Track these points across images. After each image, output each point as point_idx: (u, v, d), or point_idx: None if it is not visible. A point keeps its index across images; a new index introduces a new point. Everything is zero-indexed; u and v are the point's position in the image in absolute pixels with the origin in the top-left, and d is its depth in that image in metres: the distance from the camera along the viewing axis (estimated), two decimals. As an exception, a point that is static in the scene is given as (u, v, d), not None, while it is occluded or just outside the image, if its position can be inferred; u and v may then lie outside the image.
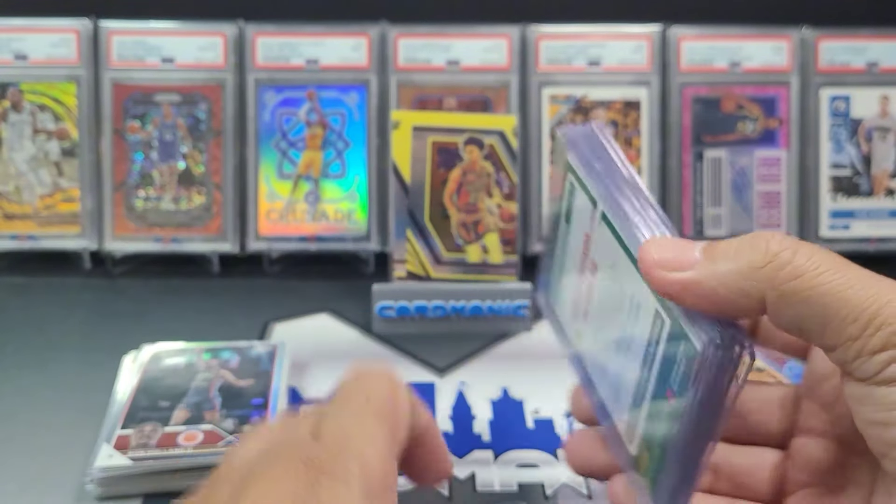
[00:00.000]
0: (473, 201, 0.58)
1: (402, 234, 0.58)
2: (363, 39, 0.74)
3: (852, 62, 0.77)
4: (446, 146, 0.58)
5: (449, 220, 0.58)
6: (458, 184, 0.58)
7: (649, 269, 0.31)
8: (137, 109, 0.74)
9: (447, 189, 0.58)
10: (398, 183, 0.57)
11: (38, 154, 0.74)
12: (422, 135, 0.58)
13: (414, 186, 0.57)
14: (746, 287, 0.29)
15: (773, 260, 0.28)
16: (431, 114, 0.59)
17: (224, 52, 0.74)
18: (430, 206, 0.57)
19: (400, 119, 0.58)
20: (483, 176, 0.58)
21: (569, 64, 0.75)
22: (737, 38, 0.76)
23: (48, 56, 0.75)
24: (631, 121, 0.75)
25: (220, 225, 0.74)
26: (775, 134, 0.76)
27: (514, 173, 0.59)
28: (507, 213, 0.58)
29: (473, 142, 0.58)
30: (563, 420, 0.54)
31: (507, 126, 0.58)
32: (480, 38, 0.75)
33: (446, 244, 0.58)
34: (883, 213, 0.76)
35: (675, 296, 0.30)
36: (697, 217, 0.75)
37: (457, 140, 0.58)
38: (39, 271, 0.75)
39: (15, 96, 0.74)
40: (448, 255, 0.58)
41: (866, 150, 0.76)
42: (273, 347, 0.58)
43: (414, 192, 0.56)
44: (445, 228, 0.58)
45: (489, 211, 0.58)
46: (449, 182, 0.58)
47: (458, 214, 0.58)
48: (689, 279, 0.30)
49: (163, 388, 0.53)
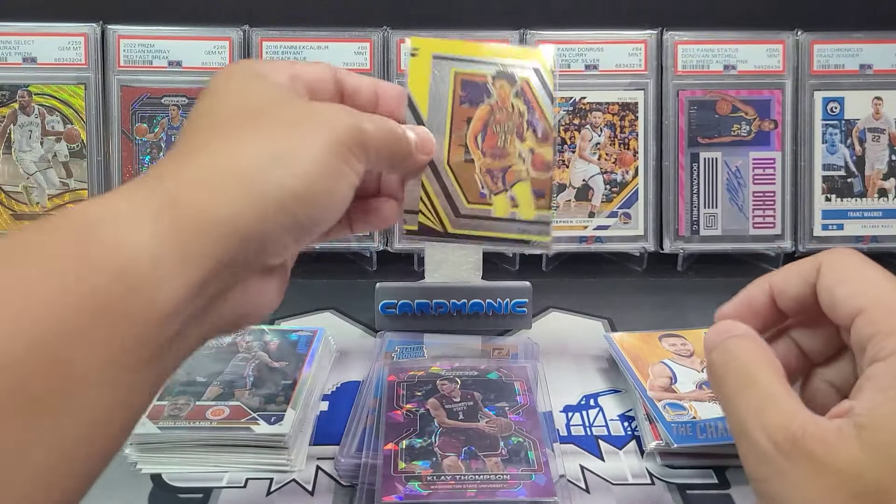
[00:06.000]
0: (502, 144, 0.49)
1: (416, 180, 0.47)
2: (366, 44, 0.76)
3: (846, 65, 0.78)
4: (472, 79, 0.48)
5: (472, 164, 0.48)
6: (484, 123, 0.48)
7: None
8: (145, 112, 0.76)
9: (472, 129, 0.48)
10: (414, 118, 0.47)
11: (46, 155, 0.76)
12: (443, 64, 0.48)
13: (432, 123, 0.47)
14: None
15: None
16: (457, 42, 0.49)
17: (230, 55, 0.76)
18: (449, 147, 0.47)
19: (419, 46, 0.49)
20: (514, 116, 0.49)
21: (567, 67, 0.76)
22: (731, 42, 0.77)
23: (57, 59, 0.76)
24: (627, 123, 0.77)
25: (226, 225, 0.75)
26: (769, 135, 0.77)
27: (551, 115, 0.49)
28: (540, 159, 0.48)
29: (504, 76, 0.49)
30: (561, 415, 0.55)
31: (545, 61, 0.49)
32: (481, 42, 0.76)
33: (468, 194, 0.48)
34: (876, 213, 0.77)
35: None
36: (693, 217, 0.77)
37: (485, 73, 0.49)
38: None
39: (24, 98, 0.76)
40: (470, 206, 0.48)
41: (859, 151, 0.78)
42: (313, 332, 0.61)
43: (431, 129, 0.47)
44: (468, 175, 0.47)
45: (520, 156, 0.49)
46: (474, 121, 0.48)
47: (484, 159, 0.48)
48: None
49: (203, 365, 0.56)
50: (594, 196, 0.77)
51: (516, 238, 0.49)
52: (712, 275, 0.77)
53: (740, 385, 0.34)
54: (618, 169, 0.77)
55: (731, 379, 0.34)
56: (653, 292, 0.75)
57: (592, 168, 0.77)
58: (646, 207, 0.77)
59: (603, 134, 0.77)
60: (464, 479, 0.45)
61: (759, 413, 0.32)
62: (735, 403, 0.33)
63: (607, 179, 0.77)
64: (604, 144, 0.77)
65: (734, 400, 0.33)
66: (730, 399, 0.34)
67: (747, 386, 0.33)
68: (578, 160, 0.77)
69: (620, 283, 0.76)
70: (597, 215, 0.77)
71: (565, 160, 0.77)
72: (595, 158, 0.77)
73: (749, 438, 0.32)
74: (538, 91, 0.49)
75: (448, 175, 0.48)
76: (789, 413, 0.31)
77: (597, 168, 0.77)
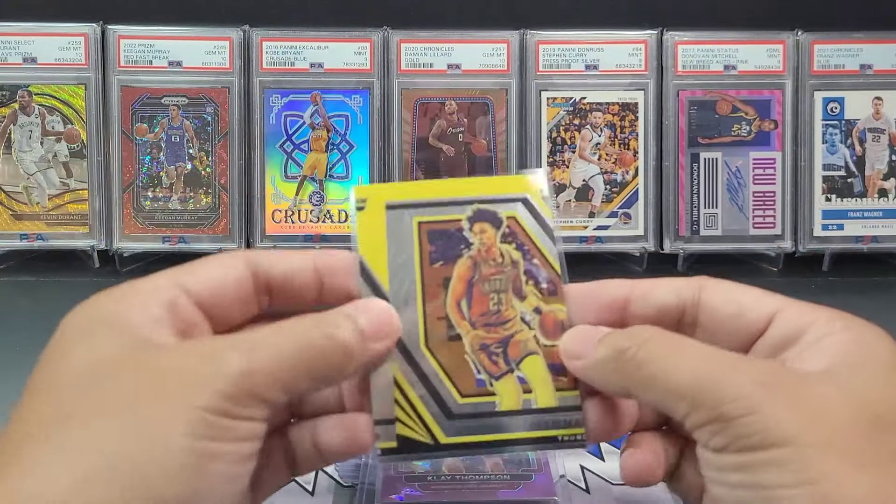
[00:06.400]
0: (496, 308, 0.36)
1: (385, 374, 0.35)
2: (366, 44, 0.76)
3: (846, 65, 0.78)
4: (442, 228, 0.37)
5: (460, 342, 0.36)
6: (467, 283, 0.36)
7: (564, 358, 0.35)
8: (145, 112, 0.76)
9: (452, 293, 0.36)
10: (371, 291, 0.35)
11: (46, 155, 0.76)
12: (402, 215, 0.37)
13: (397, 294, 0.35)
14: (611, 377, 0.33)
15: (621, 355, 0.32)
16: (413, 184, 0.39)
17: (230, 55, 0.76)
18: (425, 323, 0.35)
19: (366, 196, 0.37)
20: (506, 267, 0.37)
21: (567, 67, 0.76)
22: (732, 42, 0.77)
23: (57, 59, 0.76)
24: (628, 123, 0.77)
25: (227, 225, 0.75)
26: (770, 136, 0.77)
27: (555, 257, 0.37)
28: (551, 320, 0.36)
29: (484, 217, 0.37)
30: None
31: (531, 187, 0.38)
32: (481, 42, 0.76)
33: (460, 384, 0.35)
34: (876, 213, 0.77)
35: (582, 380, 0.34)
36: (693, 218, 0.77)
37: (458, 217, 0.37)
38: (48, 271, 0.76)
39: (24, 99, 0.76)
40: (465, 401, 0.35)
41: (860, 151, 0.77)
42: None
43: (398, 303, 0.35)
44: (456, 357, 0.35)
45: (523, 321, 0.36)
46: (454, 282, 0.36)
47: (474, 332, 0.36)
48: (583, 366, 0.34)
49: None
50: (594, 196, 0.77)
51: (538, 437, 0.35)
52: (712, 275, 0.76)
53: (678, 349, 0.31)
54: (618, 169, 0.77)
55: (659, 349, 0.31)
56: (653, 292, 0.75)
57: (592, 168, 0.77)
58: (646, 207, 0.77)
59: (603, 134, 0.77)
60: (463, 479, 0.45)
61: (722, 364, 0.30)
62: (680, 370, 0.30)
63: (607, 179, 0.77)
64: (604, 144, 0.77)
65: (676, 368, 0.30)
66: (668, 369, 0.30)
67: (687, 346, 0.31)
68: (578, 160, 0.77)
69: (620, 283, 0.76)
70: (597, 215, 0.77)
71: (565, 160, 0.77)
72: (595, 158, 0.77)
73: (718, 392, 0.29)
74: (531, 228, 0.37)
75: (429, 362, 0.35)
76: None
77: (597, 168, 0.77)
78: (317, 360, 0.30)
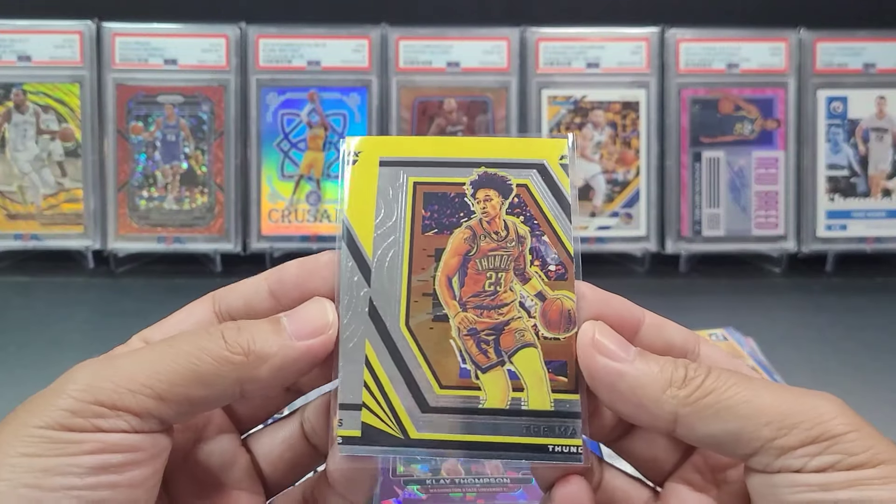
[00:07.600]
0: (493, 289, 0.31)
1: (356, 354, 0.30)
2: (364, 41, 0.75)
3: (849, 63, 0.77)
4: (441, 191, 0.32)
5: (447, 324, 0.31)
6: (462, 257, 0.31)
7: (585, 349, 0.30)
8: (140, 110, 0.75)
9: (443, 267, 0.31)
10: (352, 258, 0.31)
11: (41, 154, 0.75)
12: (396, 173, 0.32)
13: (381, 263, 0.31)
14: (663, 398, 0.29)
15: (682, 376, 0.29)
16: (417, 139, 0.33)
17: (226, 53, 0.75)
18: (407, 300, 0.31)
19: (362, 148, 0.32)
20: (510, 243, 0.32)
21: (568, 65, 0.76)
22: (734, 40, 0.76)
23: (52, 57, 0.75)
24: (629, 122, 0.76)
25: (223, 225, 0.74)
26: (773, 135, 0.77)
27: (569, 237, 0.32)
28: (556, 309, 0.31)
29: (491, 183, 0.32)
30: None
31: (552, 152, 0.32)
32: (480, 40, 0.75)
33: (441, 372, 0.30)
34: (880, 213, 0.77)
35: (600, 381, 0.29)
36: (696, 217, 0.76)
37: (461, 180, 0.32)
38: (43, 271, 0.75)
39: (18, 97, 0.75)
40: (444, 393, 0.30)
41: (863, 150, 0.77)
42: None
43: (380, 274, 0.31)
44: (440, 342, 0.31)
45: (522, 307, 0.31)
46: (446, 255, 0.31)
47: (464, 314, 0.31)
48: (616, 369, 0.29)
49: None
50: (595, 196, 0.76)
51: (524, 444, 0.30)
52: (715, 276, 0.76)
53: (744, 378, 0.31)
54: (619, 168, 0.76)
55: (727, 376, 0.30)
56: (655, 294, 0.74)
57: (594, 167, 0.76)
58: (648, 207, 0.76)
59: (604, 133, 0.76)
60: (463, 483, 0.45)
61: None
62: (761, 396, 0.29)
63: (609, 179, 0.76)
64: (605, 143, 0.76)
65: (757, 396, 0.29)
66: (747, 396, 0.29)
67: (749, 377, 0.31)
68: (579, 159, 0.76)
69: (622, 284, 0.75)
70: (598, 215, 0.76)
71: (566, 159, 0.76)
72: (596, 158, 0.76)
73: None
74: (545, 201, 0.32)
75: (408, 343, 0.30)
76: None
77: (598, 167, 0.76)
78: (205, 365, 0.28)
